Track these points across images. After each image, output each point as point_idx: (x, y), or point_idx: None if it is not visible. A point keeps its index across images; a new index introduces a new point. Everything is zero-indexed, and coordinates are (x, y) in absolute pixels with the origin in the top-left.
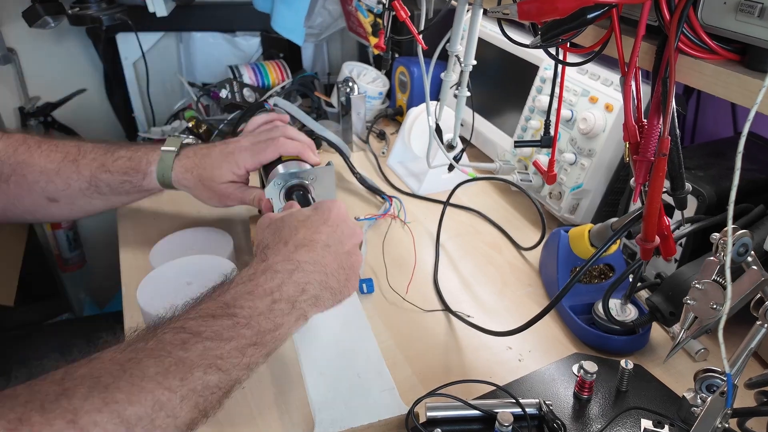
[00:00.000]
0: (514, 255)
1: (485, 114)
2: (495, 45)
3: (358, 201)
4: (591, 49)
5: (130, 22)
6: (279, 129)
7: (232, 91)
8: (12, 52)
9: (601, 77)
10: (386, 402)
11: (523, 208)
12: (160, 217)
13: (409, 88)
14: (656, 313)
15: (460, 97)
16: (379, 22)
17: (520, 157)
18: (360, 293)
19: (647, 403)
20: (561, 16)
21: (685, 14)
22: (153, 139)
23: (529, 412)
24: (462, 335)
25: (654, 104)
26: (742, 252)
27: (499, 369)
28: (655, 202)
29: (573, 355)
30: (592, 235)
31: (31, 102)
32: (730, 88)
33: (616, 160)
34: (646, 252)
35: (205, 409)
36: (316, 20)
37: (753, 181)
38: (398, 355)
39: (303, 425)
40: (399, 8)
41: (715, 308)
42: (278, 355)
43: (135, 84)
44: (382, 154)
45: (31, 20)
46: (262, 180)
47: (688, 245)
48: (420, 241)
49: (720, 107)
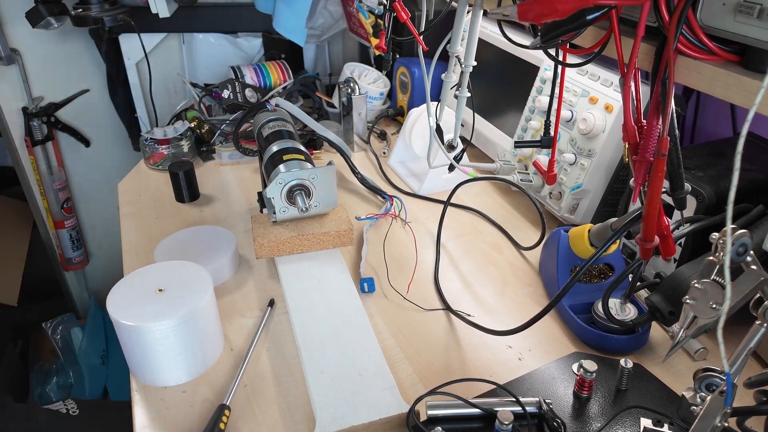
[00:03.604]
0: (515, 255)
1: (485, 114)
2: (495, 46)
3: (359, 201)
4: (591, 50)
5: (132, 23)
6: None
7: (234, 91)
8: (15, 53)
9: (600, 78)
10: (387, 400)
11: (523, 208)
12: (163, 215)
13: (410, 89)
14: (656, 313)
15: (461, 97)
16: (380, 23)
17: (520, 158)
18: (361, 292)
19: (647, 402)
20: (561, 17)
21: (684, 15)
22: (156, 139)
23: (529, 411)
24: (462, 334)
25: (653, 105)
26: (742, 252)
27: (500, 368)
28: (654, 202)
29: (573, 354)
30: (591, 235)
31: (34, 102)
32: (729, 89)
33: (616, 160)
34: (645, 252)
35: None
36: (318, 21)
37: (752, 181)
38: (399, 354)
39: (304, 423)
40: (400, 9)
41: (715, 308)
42: (280, 354)
43: (138, 84)
44: (383, 154)
45: (34, 21)
46: (264, 179)
47: (687, 245)
48: (421, 241)
49: (719, 108)
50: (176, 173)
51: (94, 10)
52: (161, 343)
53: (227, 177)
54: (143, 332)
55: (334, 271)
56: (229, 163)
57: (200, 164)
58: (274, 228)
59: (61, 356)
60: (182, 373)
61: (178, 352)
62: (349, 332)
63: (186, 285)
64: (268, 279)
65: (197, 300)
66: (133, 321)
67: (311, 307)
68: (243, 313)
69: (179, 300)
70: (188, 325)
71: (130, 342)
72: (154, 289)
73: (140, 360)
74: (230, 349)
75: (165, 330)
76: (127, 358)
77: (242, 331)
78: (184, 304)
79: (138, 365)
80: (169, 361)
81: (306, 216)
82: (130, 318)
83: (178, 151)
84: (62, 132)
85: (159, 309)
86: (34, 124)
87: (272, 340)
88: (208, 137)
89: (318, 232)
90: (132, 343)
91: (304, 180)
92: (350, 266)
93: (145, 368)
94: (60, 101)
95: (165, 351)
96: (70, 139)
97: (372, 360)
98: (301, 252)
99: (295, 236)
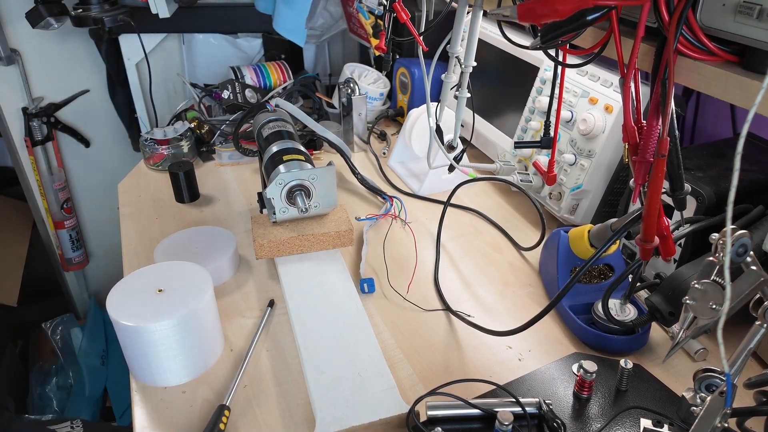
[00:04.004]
0: (515, 255)
1: (485, 115)
2: (495, 46)
3: (359, 201)
4: (590, 51)
5: (132, 23)
6: None
7: (234, 91)
8: (16, 53)
9: (600, 78)
10: (387, 401)
11: (523, 208)
12: (162, 216)
13: (410, 89)
14: (655, 313)
15: (461, 98)
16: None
17: (520, 158)
18: (361, 293)
19: (647, 403)
20: (560, 17)
21: (684, 16)
22: (156, 140)
23: (529, 411)
24: (462, 335)
25: (653, 105)
26: (742, 252)
27: (500, 368)
28: (654, 202)
29: (573, 355)
30: (591, 236)
31: (34, 102)
32: (729, 90)
33: (616, 160)
34: (645, 252)
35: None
36: (318, 21)
37: (752, 181)
38: (399, 355)
39: (304, 424)
40: (400, 10)
41: (715, 308)
42: (280, 354)
43: (138, 85)
44: (383, 155)
45: (34, 21)
46: (264, 180)
47: (687, 245)
48: (421, 241)
49: (719, 108)
50: (176, 173)
51: (94, 10)
52: (161, 344)
53: (227, 177)
54: (143, 333)
55: (334, 272)
56: (229, 163)
57: (200, 164)
58: (274, 228)
59: (61, 356)
60: (182, 374)
61: (179, 352)
62: (349, 333)
63: (186, 285)
64: (268, 279)
65: (197, 300)
66: (132, 321)
67: (311, 308)
68: (243, 314)
69: (179, 300)
70: (188, 325)
71: (130, 342)
72: (155, 290)
73: (140, 360)
74: (230, 349)
75: (165, 330)
76: (126, 358)
77: (242, 331)
78: (185, 305)
79: (138, 366)
80: (169, 361)
81: (306, 216)
82: (129, 318)
83: (178, 151)
84: (62, 132)
85: (159, 309)
86: (34, 124)
87: (272, 340)
88: (208, 138)
89: (318, 233)
90: (132, 344)
91: (304, 180)
92: (350, 267)
93: (145, 369)
94: (60, 101)
95: (165, 351)
96: (70, 140)
97: (372, 360)
98: (301, 252)
99: (295, 237)
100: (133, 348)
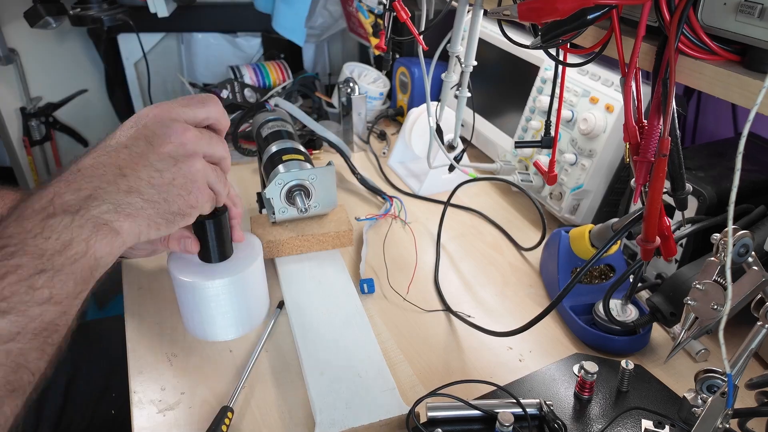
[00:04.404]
0: (515, 255)
1: (486, 114)
2: (495, 46)
3: (358, 201)
4: (591, 50)
5: (131, 22)
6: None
7: (233, 91)
8: (14, 53)
9: (601, 78)
10: (387, 402)
11: (523, 208)
12: None
13: (410, 89)
14: (657, 314)
15: (461, 97)
16: (379, 22)
17: (520, 158)
18: (361, 293)
19: (648, 404)
20: (561, 16)
21: (685, 15)
22: None
23: (529, 413)
24: (463, 335)
25: (654, 105)
26: (743, 252)
27: (500, 369)
28: (655, 202)
29: (573, 356)
30: (592, 236)
31: (32, 102)
32: (730, 89)
33: (617, 160)
34: (646, 252)
35: (18, 364)
36: (317, 21)
37: (754, 181)
38: (399, 355)
39: (304, 424)
40: (400, 9)
41: (716, 309)
42: (279, 355)
43: (136, 84)
44: (382, 155)
45: (32, 21)
46: (263, 180)
47: (688, 246)
48: (421, 242)
49: (720, 108)
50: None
51: (93, 9)
52: (213, 300)
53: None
54: (198, 288)
55: (334, 272)
56: None
57: None
58: (273, 229)
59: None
60: (230, 330)
61: (228, 309)
62: (349, 333)
63: (239, 250)
64: (268, 279)
65: (247, 264)
66: (189, 277)
67: (311, 308)
68: None
69: (232, 263)
70: (238, 285)
71: (186, 298)
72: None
73: (194, 315)
74: (229, 350)
75: (217, 288)
76: (182, 313)
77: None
78: (236, 267)
79: (191, 320)
80: (219, 317)
81: (305, 216)
82: (187, 275)
83: None
84: (60, 132)
85: (214, 269)
86: (33, 124)
87: (272, 341)
88: None
89: (317, 233)
90: (187, 299)
91: (304, 180)
92: (350, 267)
93: (197, 323)
94: (58, 101)
95: (216, 308)
96: (69, 140)
97: (372, 361)
98: (301, 253)
99: (295, 237)
100: (188, 303)
